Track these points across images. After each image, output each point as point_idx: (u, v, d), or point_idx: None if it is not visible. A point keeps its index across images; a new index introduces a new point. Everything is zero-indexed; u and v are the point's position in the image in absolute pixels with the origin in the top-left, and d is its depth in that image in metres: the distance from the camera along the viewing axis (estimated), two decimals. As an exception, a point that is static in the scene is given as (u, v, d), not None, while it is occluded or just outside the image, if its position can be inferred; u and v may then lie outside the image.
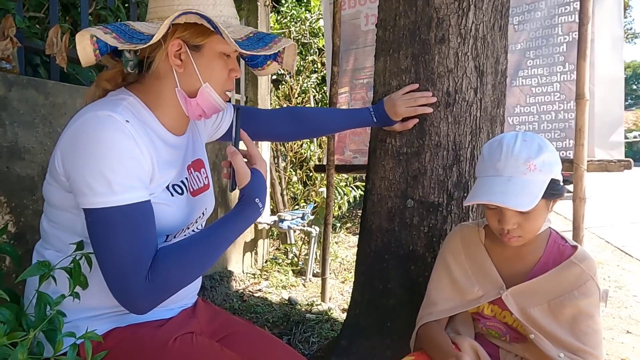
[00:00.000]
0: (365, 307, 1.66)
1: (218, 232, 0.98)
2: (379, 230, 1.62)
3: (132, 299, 0.87)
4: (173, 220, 1.03)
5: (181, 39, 0.98)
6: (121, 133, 0.88)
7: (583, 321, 1.08)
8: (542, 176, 1.04)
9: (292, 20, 5.18)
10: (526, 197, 1.01)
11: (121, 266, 0.86)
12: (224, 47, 1.01)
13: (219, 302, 2.86)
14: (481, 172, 1.13)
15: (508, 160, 1.05)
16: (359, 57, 2.84)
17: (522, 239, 1.10)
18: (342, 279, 3.46)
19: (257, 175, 1.02)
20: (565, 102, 2.18)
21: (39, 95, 1.76)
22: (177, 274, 0.91)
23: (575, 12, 2.12)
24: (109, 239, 0.87)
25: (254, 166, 1.04)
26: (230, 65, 1.05)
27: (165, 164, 1.01)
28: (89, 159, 0.86)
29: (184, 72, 1.00)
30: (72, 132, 0.89)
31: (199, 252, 0.94)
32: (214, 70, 1.02)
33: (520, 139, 1.06)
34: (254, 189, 1.00)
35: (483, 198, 1.06)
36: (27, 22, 1.95)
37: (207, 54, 1.01)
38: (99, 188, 0.85)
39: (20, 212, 1.68)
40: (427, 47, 1.49)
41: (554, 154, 1.07)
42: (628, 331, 2.65)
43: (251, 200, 1.00)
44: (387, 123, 1.52)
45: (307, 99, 5.11)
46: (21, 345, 0.76)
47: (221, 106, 1.06)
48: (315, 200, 4.76)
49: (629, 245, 4.98)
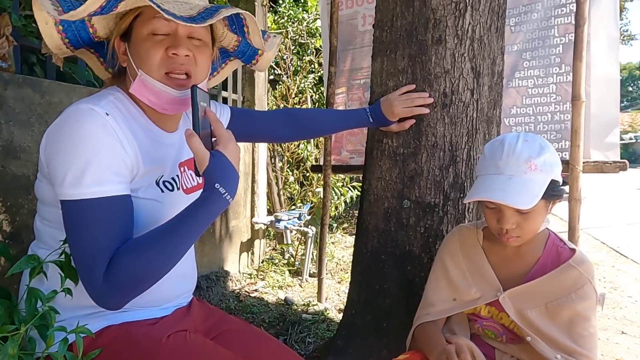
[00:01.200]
0: (362, 307, 1.66)
1: (180, 225, 0.90)
2: (375, 230, 1.62)
3: (94, 295, 0.86)
4: (162, 217, 1.01)
5: (117, 34, 0.98)
6: (100, 126, 0.88)
7: (580, 324, 1.09)
8: (543, 176, 1.04)
9: (290, 21, 5.18)
10: (526, 195, 1.01)
11: (84, 261, 0.86)
12: (150, 26, 0.95)
13: (215, 302, 2.85)
14: (482, 171, 1.13)
15: (509, 159, 1.05)
16: (356, 57, 2.85)
17: (520, 239, 1.11)
18: (339, 279, 3.46)
19: (217, 157, 0.91)
20: (561, 103, 2.19)
21: (35, 94, 1.76)
22: (134, 272, 0.86)
23: (571, 13, 2.13)
24: (76, 232, 0.86)
25: (217, 147, 0.94)
26: (167, 43, 0.95)
27: (152, 158, 1.00)
28: (66, 151, 0.86)
29: (129, 66, 0.99)
30: (55, 124, 0.89)
31: (160, 249, 0.88)
32: (143, 53, 0.95)
33: (522, 139, 1.07)
34: (213, 174, 0.89)
35: (483, 195, 1.06)
36: (24, 20, 1.94)
37: (134, 38, 0.97)
38: (71, 180, 0.85)
39: (16, 211, 1.68)
40: (424, 48, 1.49)
41: (554, 155, 1.07)
42: (623, 332, 2.66)
43: (211, 186, 0.89)
44: (384, 123, 1.52)
45: (304, 99, 5.11)
46: (12, 340, 0.75)
47: (166, 91, 0.96)
48: (311, 200, 4.76)
49: (624, 246, 5.00)
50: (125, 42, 1.00)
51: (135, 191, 0.96)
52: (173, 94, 0.97)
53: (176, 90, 0.97)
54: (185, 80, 0.98)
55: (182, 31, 0.96)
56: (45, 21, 0.93)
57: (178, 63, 0.96)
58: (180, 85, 0.98)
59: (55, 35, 0.97)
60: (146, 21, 0.95)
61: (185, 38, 0.97)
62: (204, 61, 1.01)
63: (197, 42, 1.00)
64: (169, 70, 0.96)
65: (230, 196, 0.92)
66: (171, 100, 0.98)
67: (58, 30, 0.97)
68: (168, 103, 0.99)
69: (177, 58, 0.96)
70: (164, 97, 0.97)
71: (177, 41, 0.95)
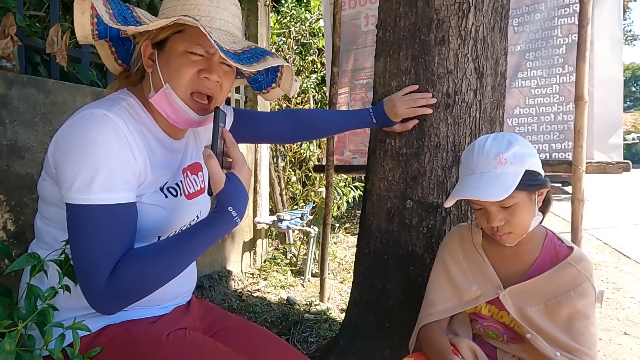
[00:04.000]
0: (364, 307, 1.66)
1: (187, 241, 0.92)
2: (378, 230, 1.63)
3: (92, 299, 0.87)
4: (165, 222, 1.03)
5: (148, 38, 0.98)
6: (113, 133, 0.88)
7: (579, 321, 1.09)
8: (514, 167, 1.06)
9: (292, 20, 5.18)
10: (498, 188, 1.04)
11: (86, 265, 0.86)
12: (189, 45, 0.96)
13: (217, 301, 2.86)
14: (460, 174, 1.17)
15: (479, 158, 1.09)
16: (359, 57, 2.85)
17: (513, 235, 1.12)
18: (341, 279, 3.46)
19: (233, 181, 0.93)
20: (565, 103, 2.19)
21: (39, 93, 1.76)
22: (138, 282, 0.88)
23: (574, 14, 2.13)
24: (80, 236, 0.87)
25: (232, 170, 0.96)
26: (201, 65, 0.97)
27: (160, 166, 1.01)
28: (76, 155, 0.86)
29: (153, 73, 1.00)
30: (68, 126, 0.90)
31: (164, 262, 0.90)
32: (174, 69, 0.96)
33: (491, 138, 1.11)
34: (227, 196, 0.92)
35: (456, 195, 1.10)
36: (28, 20, 1.95)
37: (168, 51, 0.97)
38: (80, 185, 0.85)
39: (20, 210, 1.69)
40: (427, 49, 1.50)
41: (525, 147, 1.09)
42: (625, 333, 2.65)
43: (224, 208, 0.92)
44: (387, 124, 1.52)
45: (307, 99, 5.11)
46: (9, 336, 0.76)
47: (187, 112, 0.98)
48: (314, 200, 4.76)
49: (627, 247, 4.99)
50: (155, 49, 1.00)
51: (140, 197, 0.96)
52: (193, 117, 1.00)
53: (197, 115, 1.00)
54: (207, 104, 1.01)
55: (218, 57, 0.98)
56: (82, 11, 0.93)
57: (206, 87, 0.98)
58: (202, 109, 1.00)
59: (87, 26, 0.96)
60: (187, 40, 0.96)
61: (218, 63, 0.99)
62: (228, 86, 1.04)
63: (227, 69, 1.02)
64: (195, 90, 0.98)
65: (240, 218, 0.94)
66: (188, 120, 1.01)
67: (92, 22, 0.96)
68: (184, 121, 1.01)
69: (207, 82, 0.98)
70: (183, 116, 0.99)
71: (212, 67, 0.97)
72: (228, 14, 1.00)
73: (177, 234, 0.95)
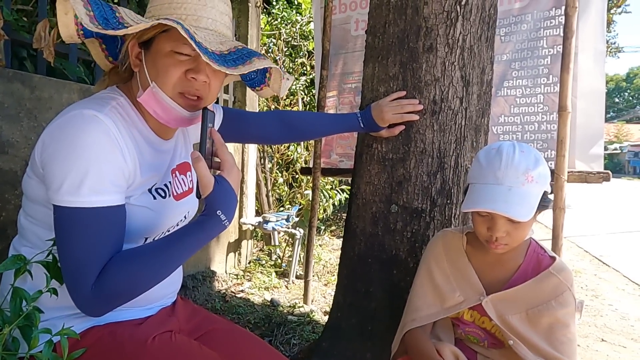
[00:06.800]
0: (347, 310, 1.67)
1: (175, 245, 0.91)
2: (362, 234, 1.64)
3: (80, 302, 0.86)
4: (152, 223, 1.02)
5: (135, 37, 0.97)
6: (103, 135, 0.87)
7: (559, 330, 1.11)
8: (538, 188, 1.06)
9: (283, 22, 5.18)
10: (525, 207, 1.03)
11: (74, 267, 0.85)
12: (176, 46, 0.93)
13: (200, 302, 2.84)
14: (479, 179, 1.12)
15: (508, 169, 1.06)
16: (348, 61, 2.87)
17: (508, 246, 1.12)
18: (325, 281, 3.47)
19: (221, 185, 0.92)
20: (548, 113, 2.23)
21: (24, 88, 1.74)
22: (126, 285, 0.87)
23: (560, 26, 2.17)
24: (68, 238, 0.85)
25: (221, 172, 0.95)
26: (188, 65, 0.95)
27: (150, 167, 1.00)
28: (65, 156, 0.84)
29: (141, 72, 0.98)
30: (57, 126, 0.88)
31: (153, 265, 0.89)
32: (161, 70, 0.94)
33: (518, 150, 1.08)
34: (216, 200, 0.91)
35: (487, 206, 1.06)
36: (15, 14, 1.93)
37: (155, 51, 0.95)
38: (68, 187, 0.84)
39: (2, 206, 1.66)
40: (415, 56, 1.52)
41: (547, 166, 1.09)
42: (603, 339, 2.71)
43: (212, 212, 0.91)
44: (374, 129, 1.54)
45: (295, 101, 5.12)
46: None
47: (177, 110, 0.97)
48: (300, 202, 4.76)
49: (607, 255, 5.08)
50: (142, 48, 0.98)
51: (128, 198, 0.95)
52: (183, 114, 0.98)
53: (187, 111, 0.98)
54: (197, 102, 0.99)
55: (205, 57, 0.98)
56: (65, 11, 0.91)
57: (194, 87, 0.97)
58: (192, 106, 0.98)
59: (71, 26, 0.94)
60: (173, 40, 0.94)
61: (206, 63, 0.96)
62: (217, 87, 1.02)
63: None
64: (183, 91, 0.96)
65: (229, 222, 0.93)
66: (179, 118, 0.99)
67: (76, 22, 0.94)
68: (174, 120, 0.99)
69: (194, 82, 0.96)
70: (173, 114, 0.97)
71: (199, 66, 0.95)
72: (216, 12, 0.98)
73: (165, 237, 0.94)
